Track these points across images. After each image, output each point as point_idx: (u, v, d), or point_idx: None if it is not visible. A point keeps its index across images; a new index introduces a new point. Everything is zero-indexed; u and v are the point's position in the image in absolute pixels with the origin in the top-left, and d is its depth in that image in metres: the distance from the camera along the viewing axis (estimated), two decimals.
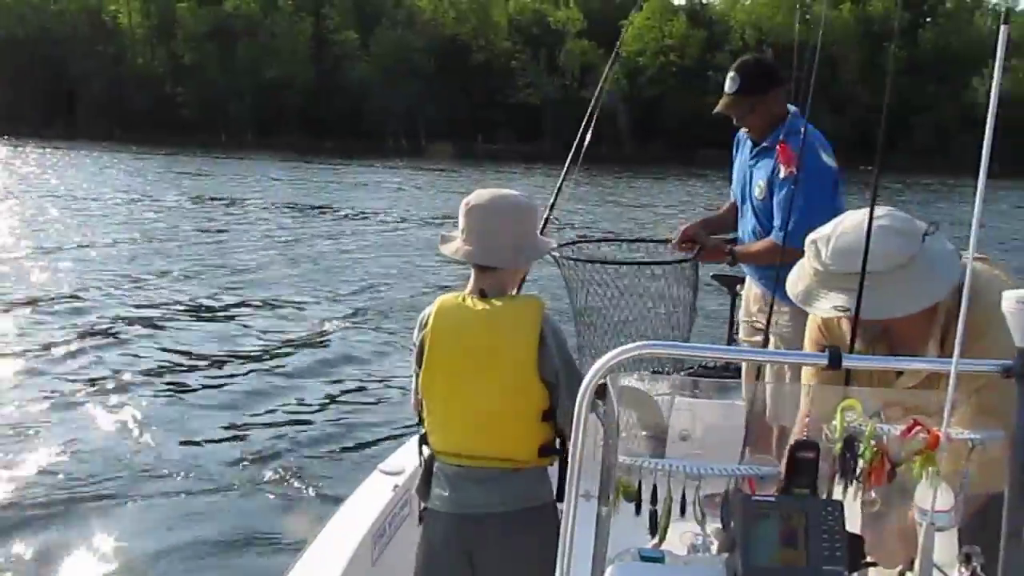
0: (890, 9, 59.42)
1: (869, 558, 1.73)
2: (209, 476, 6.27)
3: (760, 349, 3.53)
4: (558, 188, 3.87)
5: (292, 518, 5.59)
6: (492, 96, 65.13)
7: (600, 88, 4.12)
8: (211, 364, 9.12)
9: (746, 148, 3.84)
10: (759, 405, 2.57)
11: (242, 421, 7.44)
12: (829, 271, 2.06)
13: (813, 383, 2.22)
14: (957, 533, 1.74)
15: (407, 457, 3.33)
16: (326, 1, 70.12)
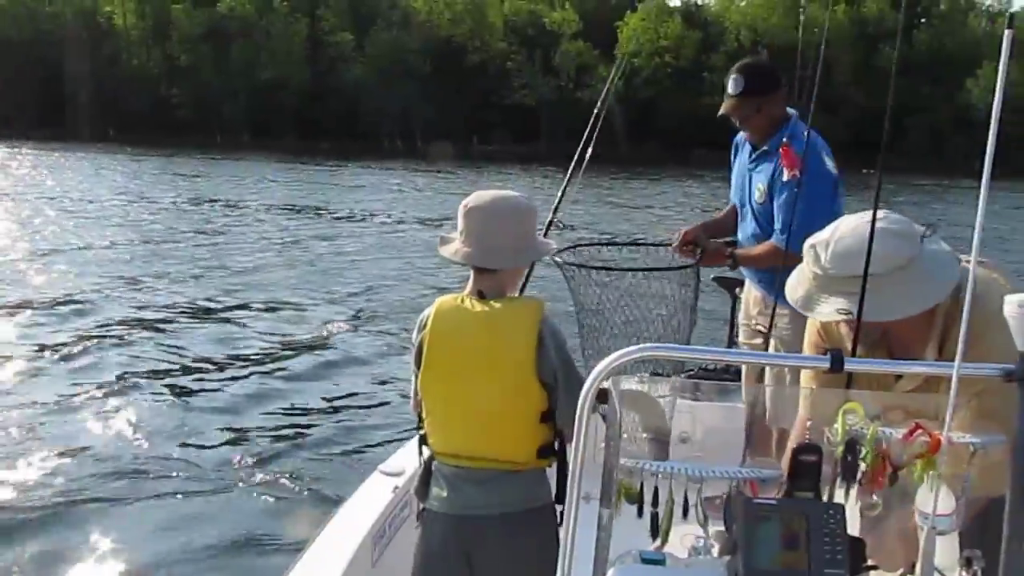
0: (884, 11, 59.49)
1: (870, 561, 1.74)
2: (208, 477, 6.27)
3: (762, 352, 3.53)
4: (562, 191, 3.88)
5: (292, 519, 5.59)
6: (488, 97, 65.08)
7: (605, 94, 4.12)
8: (209, 365, 9.11)
9: (745, 152, 3.83)
10: (760, 408, 2.57)
11: (241, 422, 7.43)
12: (829, 275, 2.06)
13: (812, 386, 2.22)
14: (958, 537, 1.74)
15: (407, 458, 3.33)
16: (321, 2, 70.03)
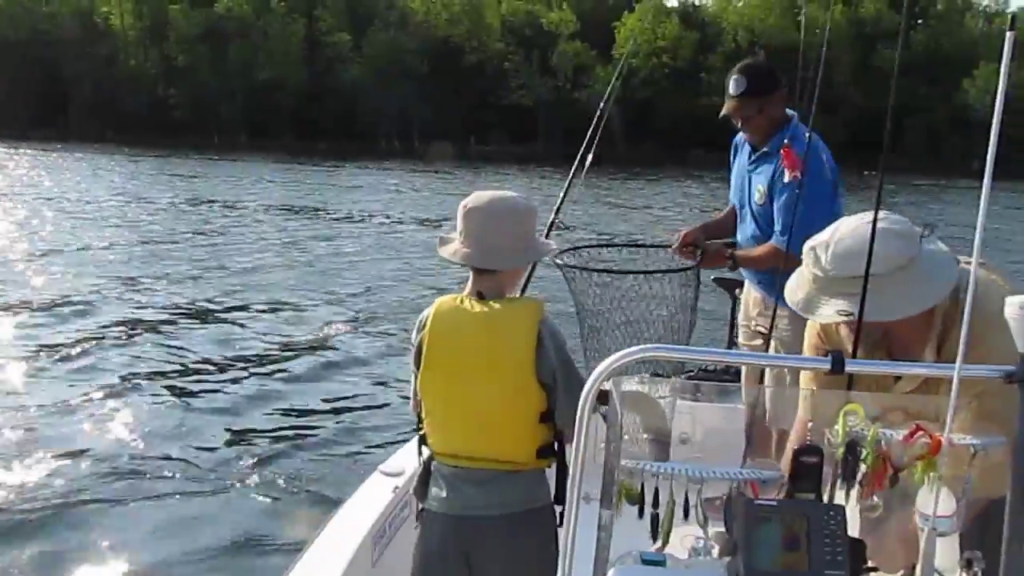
0: (882, 11, 59.60)
1: (871, 563, 1.74)
2: (208, 477, 6.27)
3: (762, 353, 3.53)
4: (564, 193, 3.88)
5: (292, 519, 5.58)
6: (485, 97, 65.15)
7: (607, 96, 4.12)
8: (209, 366, 9.10)
9: (744, 153, 3.83)
10: (760, 409, 2.58)
11: (241, 423, 7.43)
12: (829, 276, 2.05)
13: (813, 388, 2.22)
14: (958, 538, 1.74)
15: (407, 458, 3.33)
16: (319, 3, 70.06)
